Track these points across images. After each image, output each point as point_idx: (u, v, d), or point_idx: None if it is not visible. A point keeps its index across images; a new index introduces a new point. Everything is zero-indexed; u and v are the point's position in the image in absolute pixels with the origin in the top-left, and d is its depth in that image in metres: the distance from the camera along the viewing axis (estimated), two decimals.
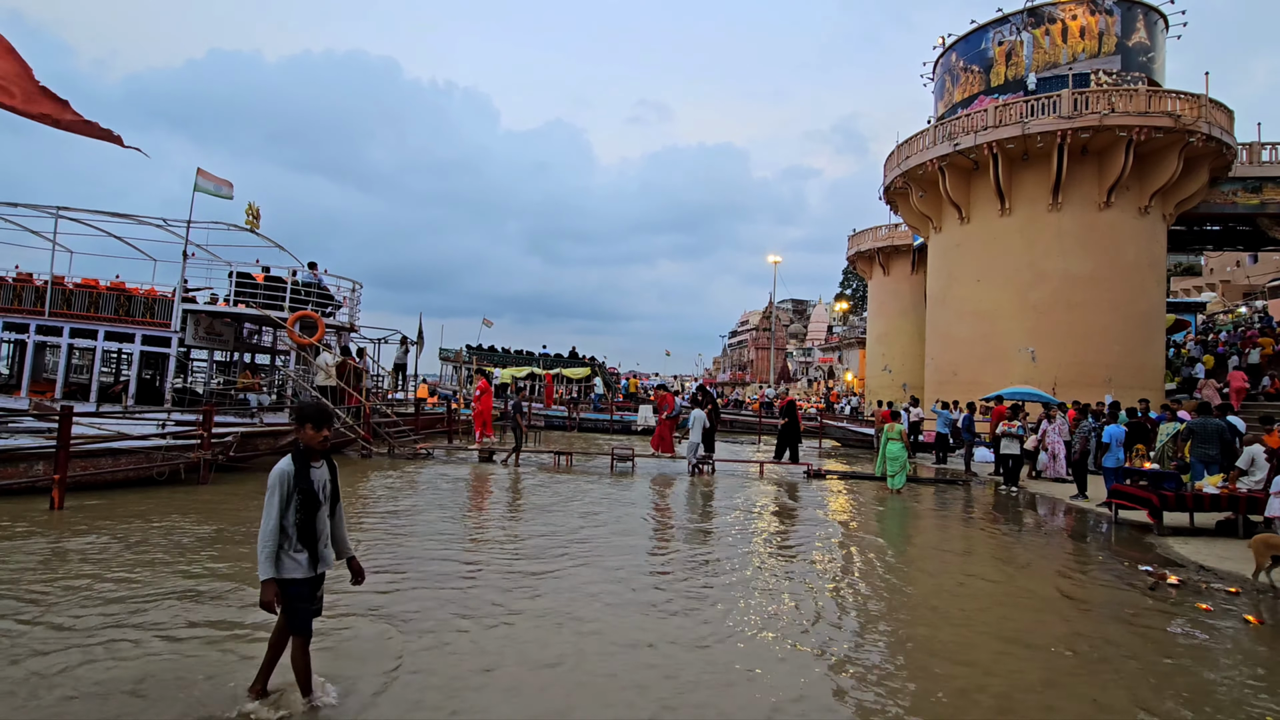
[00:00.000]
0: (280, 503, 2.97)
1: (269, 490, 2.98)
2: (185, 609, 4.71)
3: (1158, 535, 8.41)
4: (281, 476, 2.98)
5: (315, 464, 3.10)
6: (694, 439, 13.61)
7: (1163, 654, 4.57)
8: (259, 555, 2.95)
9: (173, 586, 5.24)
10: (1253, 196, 21.18)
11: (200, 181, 13.32)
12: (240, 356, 16.39)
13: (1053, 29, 20.90)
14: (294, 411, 2.88)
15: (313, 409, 3.08)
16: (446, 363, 32.13)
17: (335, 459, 3.45)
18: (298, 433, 3.08)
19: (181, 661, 3.84)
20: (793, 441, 15.39)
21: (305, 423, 3.05)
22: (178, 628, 4.36)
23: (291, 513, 3.00)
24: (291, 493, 2.99)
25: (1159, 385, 18.95)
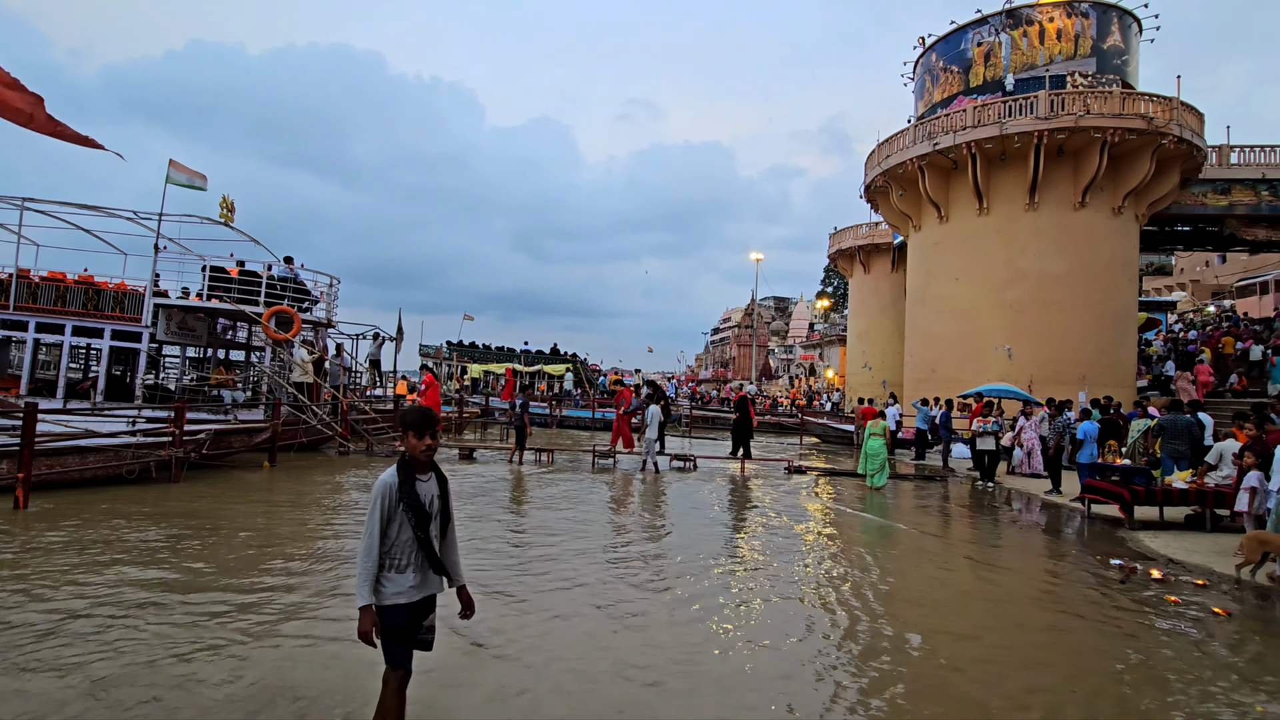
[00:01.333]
0: (381, 518, 2.64)
1: (370, 504, 2.66)
2: (153, 612, 4.60)
3: (1129, 529, 8.57)
4: (383, 489, 2.65)
5: (422, 476, 2.75)
6: (650, 435, 13.61)
7: (1132, 645, 4.65)
8: (357, 578, 2.62)
9: (134, 597, 5.11)
10: (1221, 198, 21.67)
11: (172, 173, 13.04)
12: (214, 352, 16.08)
13: (1030, 31, 21.18)
14: (398, 419, 2.73)
15: (414, 414, 2.74)
16: (427, 359, 31.85)
17: (312, 455, 3.30)
18: (402, 441, 2.76)
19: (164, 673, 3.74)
20: (744, 437, 15.18)
21: (407, 430, 2.73)
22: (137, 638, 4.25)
23: (395, 529, 2.66)
24: (394, 507, 2.65)
25: (1131, 382, 19.32)
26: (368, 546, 2.62)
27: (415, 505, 2.67)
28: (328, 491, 9.97)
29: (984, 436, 13.37)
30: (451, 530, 2.88)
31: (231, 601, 4.86)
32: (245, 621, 4.48)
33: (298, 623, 4.50)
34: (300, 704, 3.38)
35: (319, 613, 4.71)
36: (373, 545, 2.62)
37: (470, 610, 2.90)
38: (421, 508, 2.68)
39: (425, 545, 2.69)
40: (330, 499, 9.38)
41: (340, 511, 8.49)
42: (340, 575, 5.60)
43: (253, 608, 4.76)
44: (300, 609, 4.77)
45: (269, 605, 4.82)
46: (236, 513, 8.12)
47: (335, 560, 6.11)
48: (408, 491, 2.66)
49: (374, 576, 2.63)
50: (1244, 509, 6.99)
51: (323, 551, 6.48)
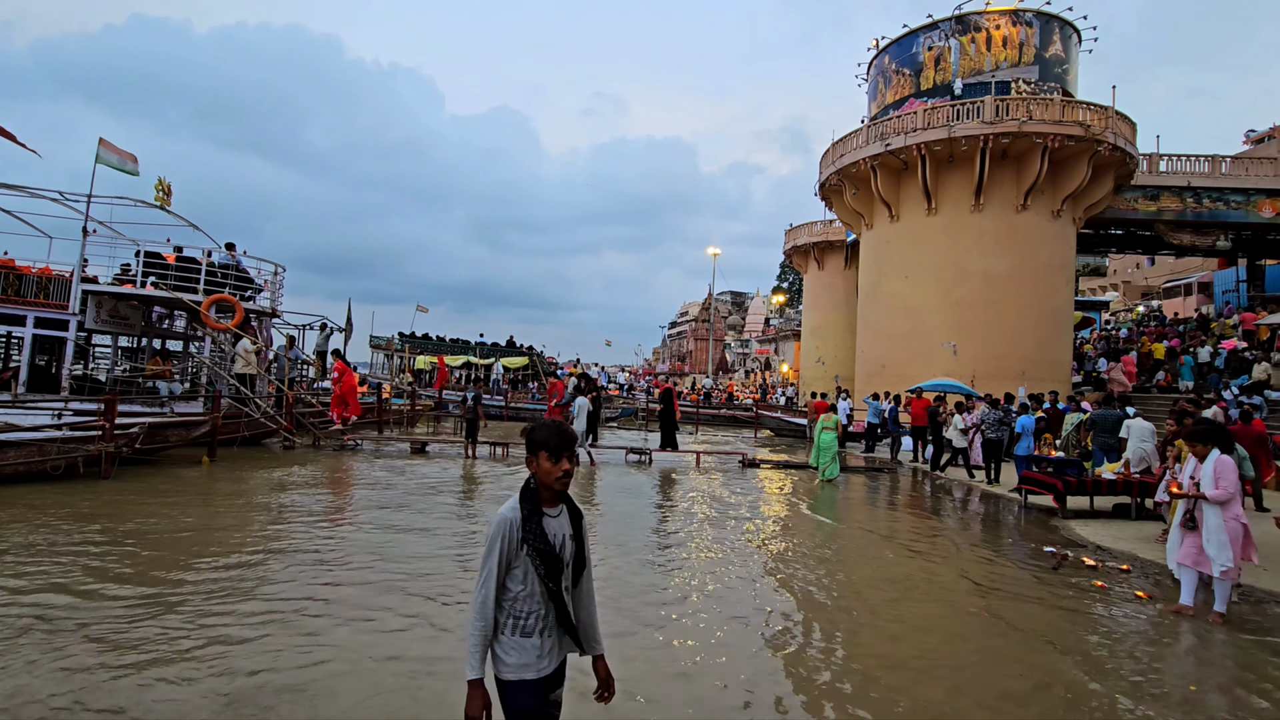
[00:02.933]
0: (500, 563, 2.06)
1: (486, 546, 2.09)
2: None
3: (1061, 518, 8.99)
4: (502, 526, 2.08)
5: (551, 509, 2.16)
6: (580, 427, 13.63)
7: (1063, 627, 4.89)
8: (468, 639, 2.05)
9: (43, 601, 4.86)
10: (1151, 204, 22.83)
11: (102, 153, 12.35)
12: (149, 342, 15.33)
13: (978, 37, 21.85)
14: (525, 435, 2.22)
15: (549, 430, 2.15)
16: (378, 350, 31.09)
17: (255, 449, 3.06)
18: (529, 464, 2.18)
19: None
20: (669, 429, 15.23)
21: (538, 449, 2.13)
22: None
23: (518, 579, 2.09)
24: (516, 549, 2.07)
25: (1067, 378, 20.22)
26: (481, 601, 2.05)
27: (544, 548, 2.08)
28: (269, 488, 9.64)
29: (959, 433, 13.33)
30: (587, 579, 2.27)
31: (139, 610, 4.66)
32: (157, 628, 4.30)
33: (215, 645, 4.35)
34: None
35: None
36: (488, 600, 2.05)
37: (609, 690, 2.24)
38: (552, 551, 2.10)
39: (557, 600, 2.11)
40: (271, 496, 9.07)
41: (284, 510, 8.22)
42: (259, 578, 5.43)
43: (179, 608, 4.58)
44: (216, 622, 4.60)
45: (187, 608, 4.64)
46: (161, 510, 7.78)
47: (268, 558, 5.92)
48: (534, 530, 2.09)
49: (488, 641, 2.06)
50: (1163, 499, 7.43)
51: (253, 554, 6.27)
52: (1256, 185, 22.48)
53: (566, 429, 2.18)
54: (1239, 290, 26.64)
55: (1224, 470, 5.01)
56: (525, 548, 2.07)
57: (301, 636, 4.20)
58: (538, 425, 2.20)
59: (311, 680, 3.62)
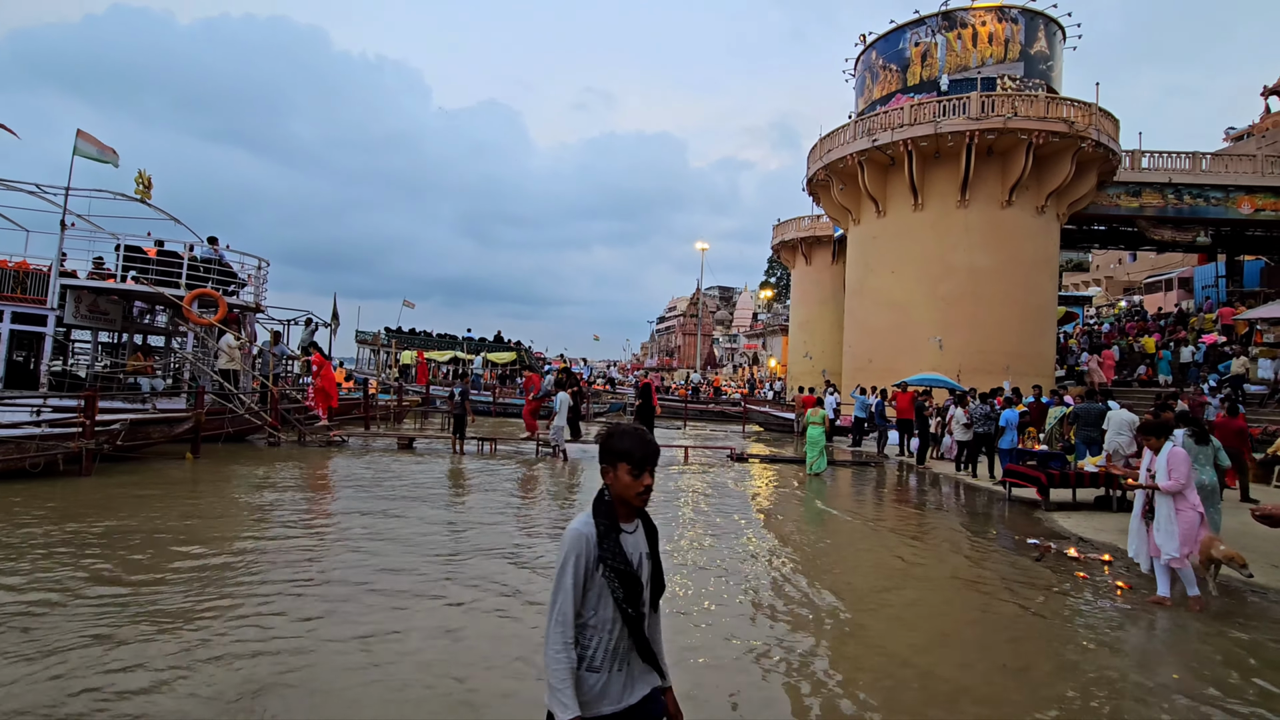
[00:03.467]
0: (575, 586, 1.83)
1: (559, 566, 1.85)
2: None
3: (1045, 510, 9.10)
4: (576, 543, 1.85)
5: (627, 525, 1.93)
6: (558, 422, 13.63)
7: (1046, 616, 4.96)
8: (549, 675, 1.79)
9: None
10: (1133, 200, 23.12)
11: (80, 145, 12.15)
12: (130, 337, 15.11)
13: (964, 33, 21.96)
14: (600, 447, 1.97)
15: (632, 439, 1.91)
16: (364, 346, 30.85)
17: (239, 446, 2.96)
18: (604, 474, 1.95)
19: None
20: (647, 424, 14.94)
21: (618, 460, 1.90)
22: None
23: (591, 603, 1.86)
24: (591, 570, 1.85)
25: (1050, 372, 20.46)
26: (561, 627, 1.81)
27: (623, 569, 1.86)
28: (253, 486, 9.55)
29: (962, 428, 13.18)
30: (658, 602, 2.02)
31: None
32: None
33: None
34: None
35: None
36: (568, 626, 1.81)
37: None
38: (632, 573, 1.87)
39: (635, 628, 1.87)
40: (254, 494, 8.98)
41: (267, 509, 8.15)
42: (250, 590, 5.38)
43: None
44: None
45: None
46: (142, 508, 7.68)
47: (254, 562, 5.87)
48: (612, 549, 1.86)
49: (574, 673, 1.81)
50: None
51: (236, 557, 6.22)
52: (1236, 182, 22.83)
53: (651, 439, 1.93)
54: (1218, 285, 27.06)
55: (1175, 462, 5.10)
56: (602, 568, 1.84)
57: (282, 638, 4.16)
58: (618, 432, 1.94)
59: (295, 679, 3.59)
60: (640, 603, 1.88)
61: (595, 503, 1.93)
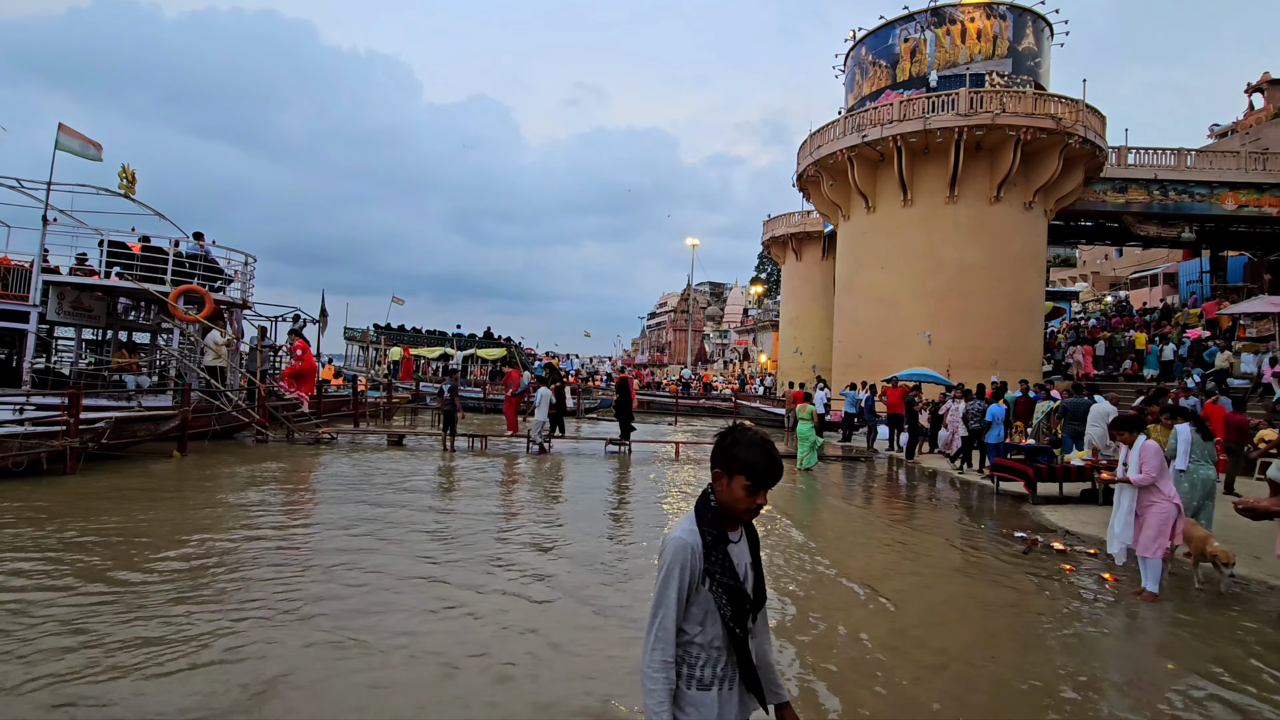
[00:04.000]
0: (679, 601, 1.69)
1: (661, 577, 1.70)
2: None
3: (1032, 504, 9.19)
4: (680, 553, 1.70)
5: (732, 534, 1.78)
6: (539, 417, 13.59)
7: (1034, 608, 5.01)
8: (645, 695, 1.67)
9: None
10: (1119, 196, 23.30)
11: (62, 139, 11.97)
12: (115, 334, 14.94)
13: (953, 29, 22.04)
14: (717, 447, 1.78)
15: (759, 451, 1.71)
16: (352, 342, 30.65)
17: (227, 443, 2.91)
18: (715, 479, 1.77)
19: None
20: (624, 419, 14.87)
21: (738, 471, 1.71)
22: None
23: (695, 619, 1.71)
24: (697, 584, 1.70)
25: (1038, 367, 20.64)
26: (661, 645, 1.67)
27: (732, 584, 1.70)
28: (240, 484, 9.48)
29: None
30: (763, 613, 1.87)
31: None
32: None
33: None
34: None
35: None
36: (668, 645, 1.68)
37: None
38: (740, 588, 1.72)
39: (740, 647, 1.73)
40: (241, 493, 8.92)
41: (254, 508, 8.09)
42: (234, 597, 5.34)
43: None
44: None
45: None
46: (125, 507, 7.61)
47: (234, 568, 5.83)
48: (720, 561, 1.70)
49: (671, 693, 1.68)
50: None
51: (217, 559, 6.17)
52: (1220, 178, 23.05)
53: (778, 457, 1.74)
54: (1202, 281, 27.37)
55: (1146, 455, 5.18)
56: (708, 582, 1.69)
57: (266, 642, 4.14)
58: (745, 440, 1.73)
59: (296, 679, 3.57)
60: (747, 620, 1.74)
61: (699, 508, 1.77)
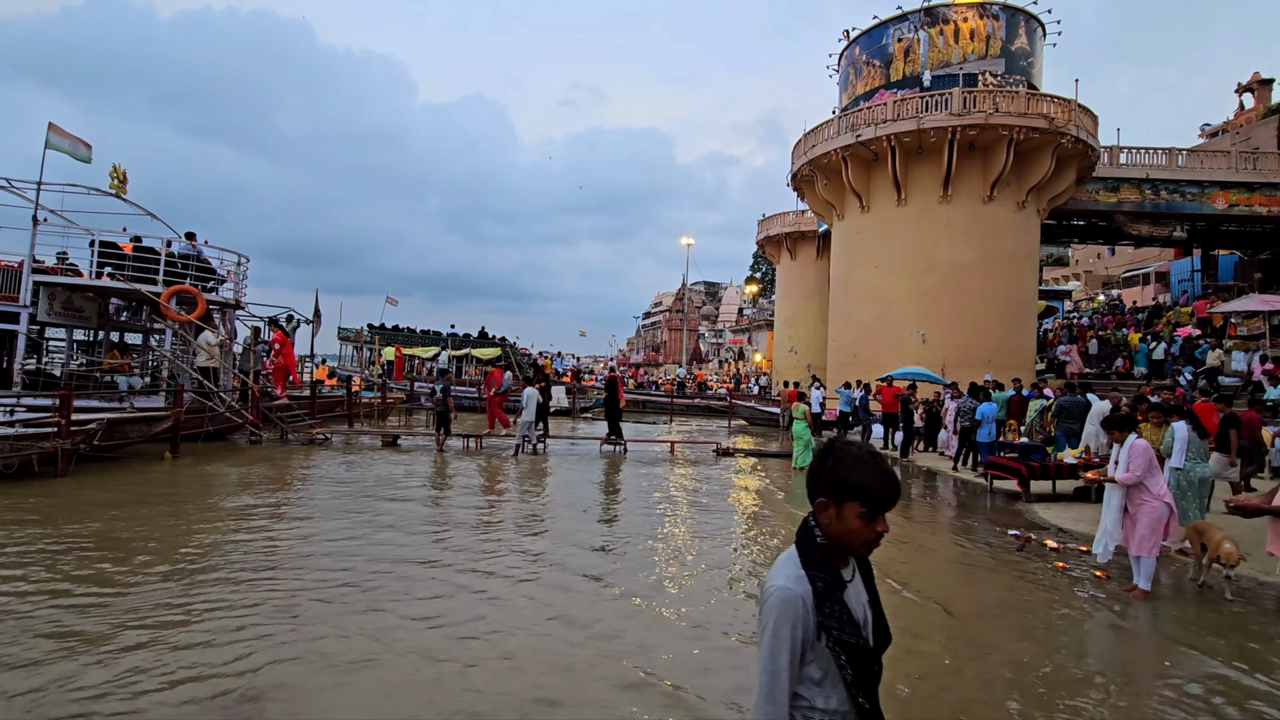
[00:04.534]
0: (791, 666, 1.39)
1: (766, 639, 1.41)
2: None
3: (1025, 502, 9.23)
4: (790, 609, 1.39)
5: (846, 571, 1.49)
6: (526, 417, 13.58)
7: (1028, 604, 5.03)
8: None
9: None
10: (1111, 195, 23.44)
11: (52, 138, 11.87)
12: (106, 335, 14.85)
13: (946, 29, 22.10)
14: (815, 472, 1.48)
15: (870, 470, 1.44)
16: (346, 343, 30.53)
17: (220, 444, 2.90)
18: (822, 512, 1.49)
19: None
20: (613, 417, 14.79)
21: (848, 498, 1.44)
22: None
23: (811, 681, 1.42)
24: (810, 641, 1.40)
25: (1031, 365, 20.74)
26: (773, 709, 1.39)
27: (854, 643, 1.41)
28: (233, 485, 9.44)
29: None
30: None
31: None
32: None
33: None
34: None
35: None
36: (782, 713, 1.39)
37: None
38: (865, 648, 1.43)
39: (867, 716, 1.44)
40: (234, 494, 8.88)
41: (247, 510, 8.06)
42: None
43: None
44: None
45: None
46: (117, 510, 7.57)
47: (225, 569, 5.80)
48: (837, 614, 1.41)
49: None
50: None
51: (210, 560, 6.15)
52: (1211, 178, 23.21)
53: (890, 469, 1.46)
54: (1194, 279, 27.54)
55: (1133, 455, 5.21)
56: (824, 638, 1.39)
57: (258, 640, 4.13)
58: (850, 457, 1.46)
59: (292, 679, 3.56)
60: (875, 686, 1.44)
61: (802, 546, 1.47)
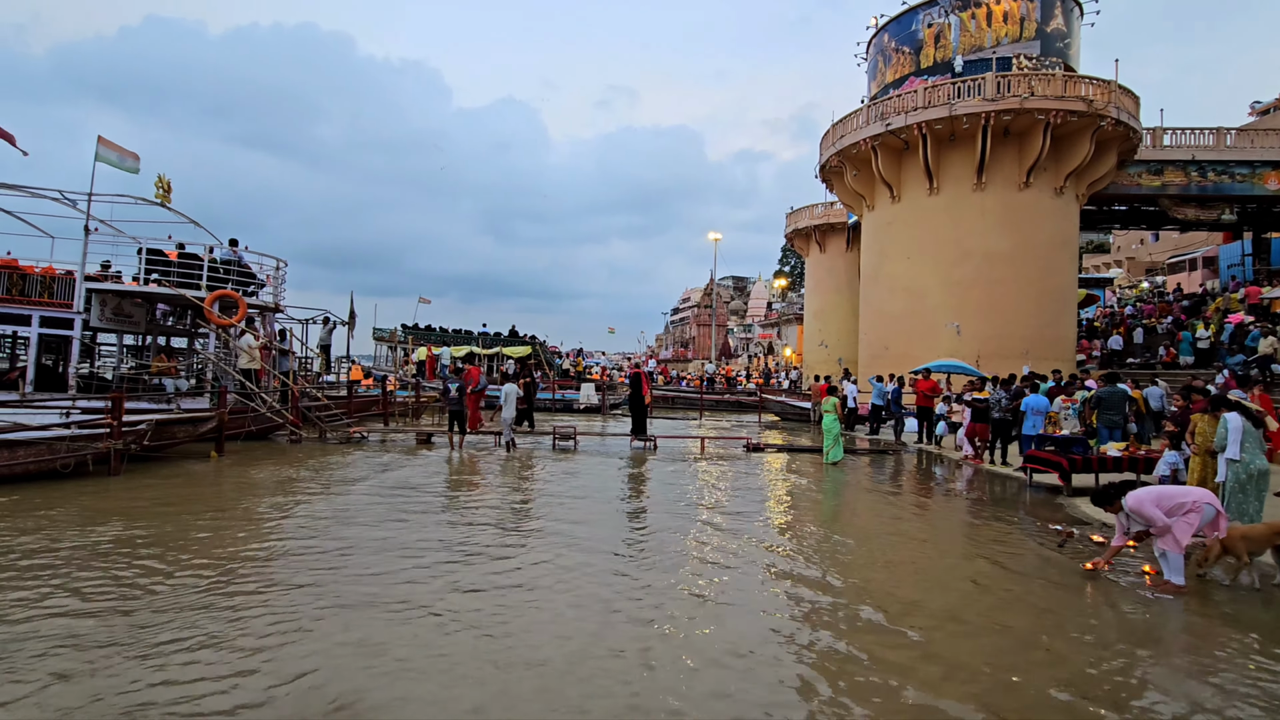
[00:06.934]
0: None
1: None
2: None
3: (1067, 496, 9.00)
4: None
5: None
6: (506, 414, 13.64)
7: (1073, 603, 4.93)
8: None
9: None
10: (1155, 178, 22.63)
11: (101, 151, 12.34)
12: (154, 339, 15.39)
13: (978, 13, 21.57)
14: None
15: None
16: (381, 343, 31.11)
17: (261, 443, 3.02)
18: None
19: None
20: (638, 414, 14.69)
21: None
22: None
23: None
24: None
25: (1071, 356, 20.18)
26: None
27: None
28: (278, 483, 9.72)
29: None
30: None
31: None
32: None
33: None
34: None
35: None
36: None
37: None
38: None
39: None
40: (282, 492, 9.15)
41: (293, 506, 8.29)
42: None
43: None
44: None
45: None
46: (171, 507, 7.85)
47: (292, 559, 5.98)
48: None
49: None
50: (1164, 474, 7.53)
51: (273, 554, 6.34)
52: (1262, 157, 22.26)
53: None
54: (1244, 264, 26.45)
55: (1143, 508, 5.42)
56: None
57: (315, 637, 4.25)
58: None
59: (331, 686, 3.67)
60: None
61: None
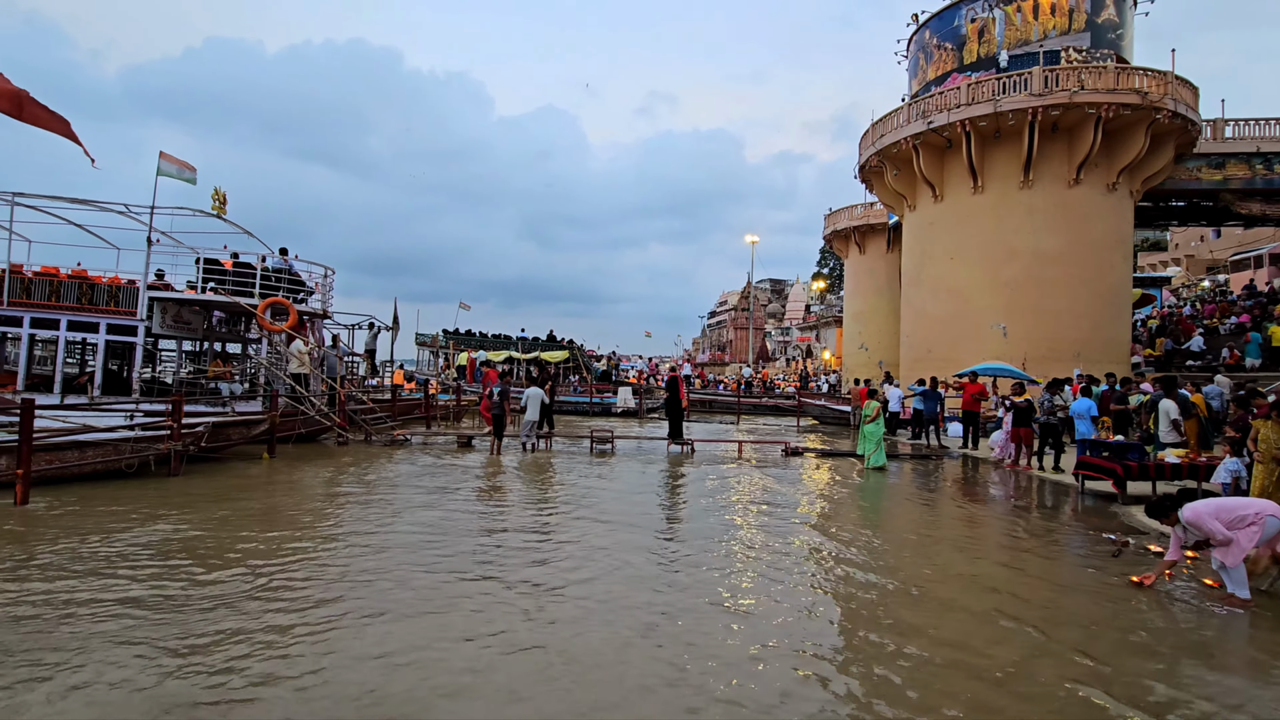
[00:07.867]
0: None
1: None
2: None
3: (1121, 504, 8.67)
4: None
5: None
6: (529, 417, 13.77)
7: (1132, 615, 4.75)
8: None
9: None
10: (1216, 172, 21.65)
11: (162, 165, 12.92)
12: (210, 345, 16.05)
13: (1024, 6, 20.99)
14: None
15: None
16: (423, 348, 31.84)
17: (310, 445, 3.11)
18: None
19: None
20: (675, 417, 14.62)
21: None
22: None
23: None
24: None
25: (1125, 359, 19.42)
26: None
27: None
28: (326, 482, 10.03)
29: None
30: None
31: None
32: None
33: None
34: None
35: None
36: None
37: None
38: None
39: None
40: (330, 490, 9.44)
41: (344, 503, 8.55)
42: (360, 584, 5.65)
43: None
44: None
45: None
46: (228, 504, 8.17)
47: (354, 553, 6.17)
48: None
49: None
50: (1222, 480, 7.20)
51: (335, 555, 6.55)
52: None
53: None
54: None
55: (1203, 521, 5.21)
56: None
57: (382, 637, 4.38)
58: None
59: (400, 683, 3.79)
60: None
61: None
